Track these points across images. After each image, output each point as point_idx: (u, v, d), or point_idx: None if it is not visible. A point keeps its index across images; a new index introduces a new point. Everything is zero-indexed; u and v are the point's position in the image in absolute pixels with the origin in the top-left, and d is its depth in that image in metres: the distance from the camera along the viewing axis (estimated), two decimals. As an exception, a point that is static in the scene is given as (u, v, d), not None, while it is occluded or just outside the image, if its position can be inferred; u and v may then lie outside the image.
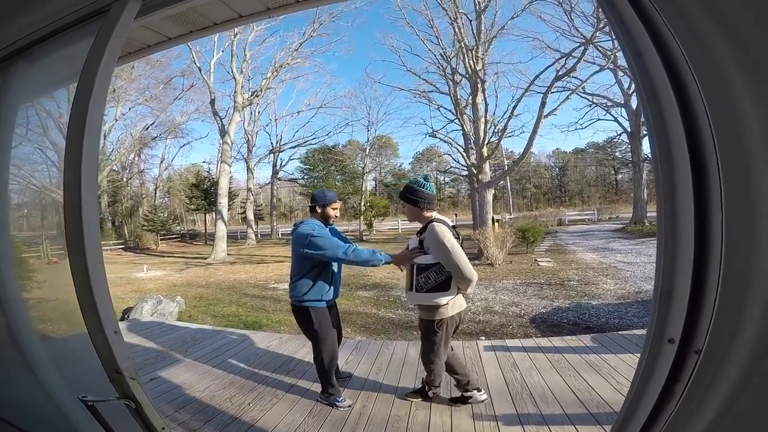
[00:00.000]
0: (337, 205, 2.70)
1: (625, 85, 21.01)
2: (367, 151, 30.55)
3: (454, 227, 2.32)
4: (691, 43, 0.64)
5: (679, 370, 0.71)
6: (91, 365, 1.12)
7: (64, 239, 1.08)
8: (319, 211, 2.64)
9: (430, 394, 2.58)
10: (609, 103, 22.76)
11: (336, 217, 2.71)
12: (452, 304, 2.23)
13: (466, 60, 16.48)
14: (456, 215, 30.19)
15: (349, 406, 2.63)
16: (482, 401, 2.53)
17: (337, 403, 2.63)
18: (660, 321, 0.73)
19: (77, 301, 1.08)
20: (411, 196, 2.31)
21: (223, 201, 20.57)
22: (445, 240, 2.11)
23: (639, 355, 0.80)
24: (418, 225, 2.39)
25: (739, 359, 0.62)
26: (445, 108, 21.04)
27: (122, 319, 6.05)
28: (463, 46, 16.47)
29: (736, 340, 0.62)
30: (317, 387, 2.82)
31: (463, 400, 2.53)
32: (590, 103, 23.07)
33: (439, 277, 2.14)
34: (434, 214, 2.31)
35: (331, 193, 2.73)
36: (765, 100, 0.57)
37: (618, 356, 3.15)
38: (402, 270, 2.45)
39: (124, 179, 33.22)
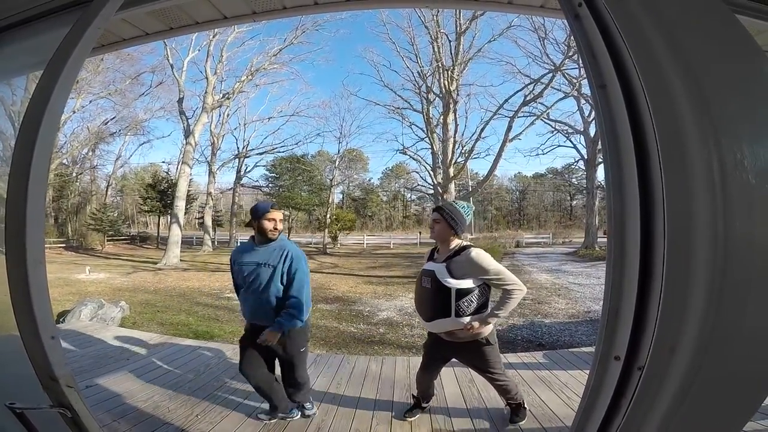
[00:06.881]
0: (272, 215, 2.33)
1: (586, 113, 21.79)
2: (337, 163, 30.30)
3: None
4: (651, 77, 0.70)
5: (625, 386, 0.76)
6: (20, 371, 1.04)
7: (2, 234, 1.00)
8: (255, 226, 2.37)
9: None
10: (570, 130, 23.72)
11: (274, 229, 2.34)
12: None
13: (442, 80, 17.07)
14: (420, 233, 30.54)
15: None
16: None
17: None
18: (608, 339, 0.78)
19: (10, 302, 1.00)
20: (455, 219, 2.27)
21: (180, 204, 19.59)
22: (494, 263, 2.21)
23: (588, 371, 0.85)
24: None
25: (677, 374, 0.68)
26: (416, 126, 21.61)
27: (57, 322, 5.54)
28: (440, 65, 17.07)
29: (674, 356, 0.68)
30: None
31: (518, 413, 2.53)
32: (552, 130, 24.02)
33: (481, 299, 2.20)
34: (462, 242, 2.31)
35: (263, 204, 2.39)
36: (710, 139, 0.65)
37: (568, 372, 3.30)
38: None
39: (74, 174, 30.84)
